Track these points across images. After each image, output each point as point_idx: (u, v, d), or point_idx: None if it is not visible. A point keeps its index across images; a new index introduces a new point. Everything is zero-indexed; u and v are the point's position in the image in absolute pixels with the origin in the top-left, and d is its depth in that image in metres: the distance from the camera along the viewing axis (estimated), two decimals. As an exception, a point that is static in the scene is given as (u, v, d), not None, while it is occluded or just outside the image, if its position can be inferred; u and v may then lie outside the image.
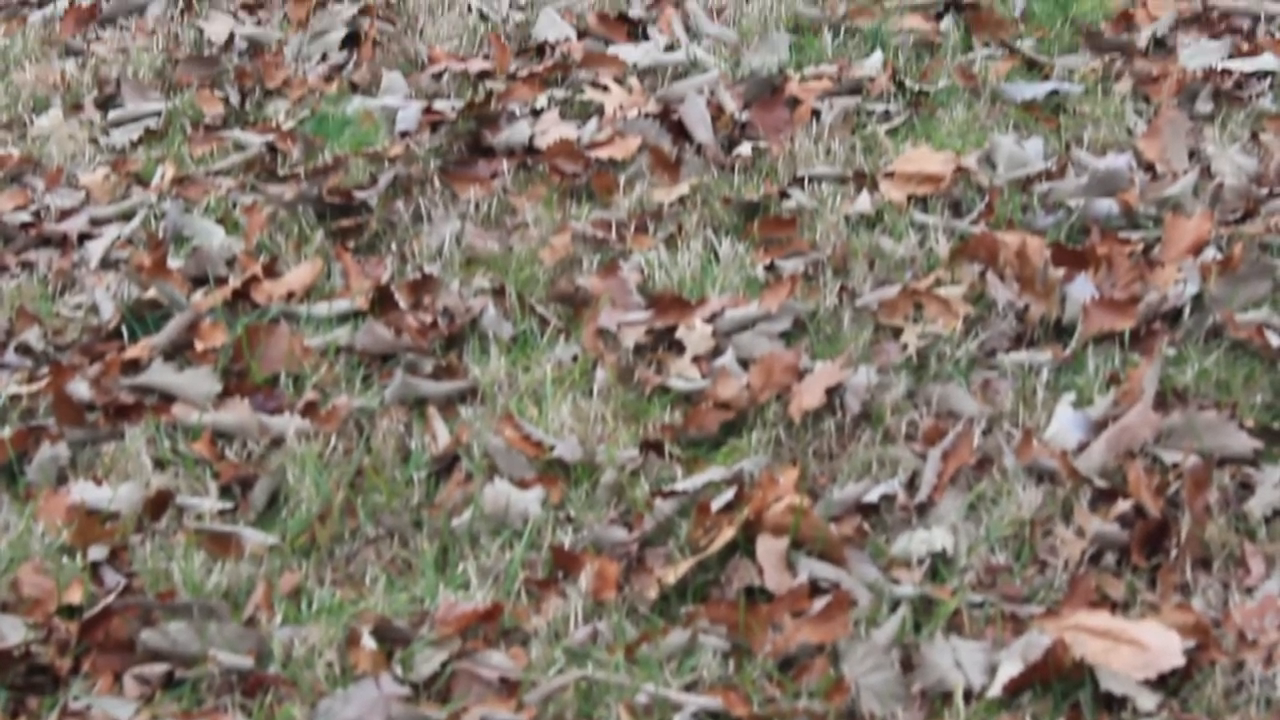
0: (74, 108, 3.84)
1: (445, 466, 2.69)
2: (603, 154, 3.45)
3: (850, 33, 3.88)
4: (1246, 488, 2.53)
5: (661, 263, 3.13)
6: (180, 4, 4.24)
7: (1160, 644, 2.24)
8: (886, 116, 3.56)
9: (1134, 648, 2.25)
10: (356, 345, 2.96)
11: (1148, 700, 2.20)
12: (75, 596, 2.47)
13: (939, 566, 2.44)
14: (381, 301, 3.06)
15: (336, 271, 3.18)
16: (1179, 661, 2.23)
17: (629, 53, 3.84)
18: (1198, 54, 3.67)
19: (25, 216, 3.44)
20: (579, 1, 4.10)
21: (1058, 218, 3.14)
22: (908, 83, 3.64)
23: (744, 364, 2.84)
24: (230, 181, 3.50)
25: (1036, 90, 3.58)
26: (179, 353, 3.00)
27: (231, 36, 4.06)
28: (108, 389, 2.89)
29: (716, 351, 2.90)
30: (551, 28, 3.96)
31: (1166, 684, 2.22)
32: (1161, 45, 3.75)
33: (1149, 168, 3.30)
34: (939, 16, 3.91)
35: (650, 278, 3.10)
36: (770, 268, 3.09)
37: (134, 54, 4.02)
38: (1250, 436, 2.57)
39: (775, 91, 3.62)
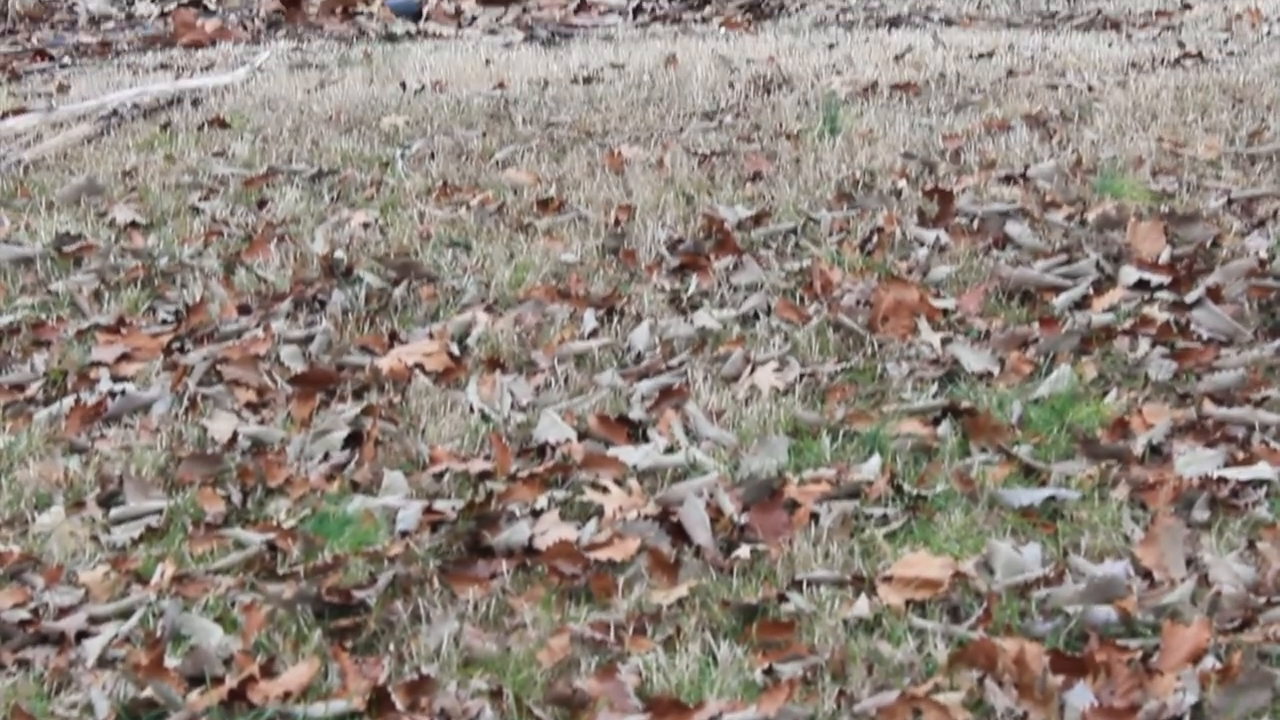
0: (76, 505, 3.86)
1: None
2: (602, 555, 3.47)
3: (849, 436, 3.93)
4: None
5: (660, 665, 3.12)
6: (184, 402, 4.30)
7: None
8: (885, 520, 3.58)
9: None
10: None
11: None
12: None
13: None
14: (378, 702, 3.04)
15: (334, 671, 3.16)
16: None
17: (629, 454, 3.88)
18: (1193, 462, 3.70)
19: (23, 614, 3.43)
20: (580, 403, 4.16)
21: (1056, 624, 3.14)
22: (906, 487, 3.67)
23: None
24: (229, 580, 3.50)
25: (1034, 496, 3.61)
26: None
27: (235, 435, 4.11)
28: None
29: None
30: (552, 429, 4.01)
31: None
32: (1157, 453, 3.79)
33: (1146, 575, 3.31)
34: (937, 421, 3.96)
35: (648, 680, 3.09)
36: (769, 672, 3.08)
37: (137, 452, 4.06)
38: None
39: (774, 494, 3.65)
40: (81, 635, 3.36)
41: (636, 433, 4.02)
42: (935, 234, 5.04)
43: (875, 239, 5.05)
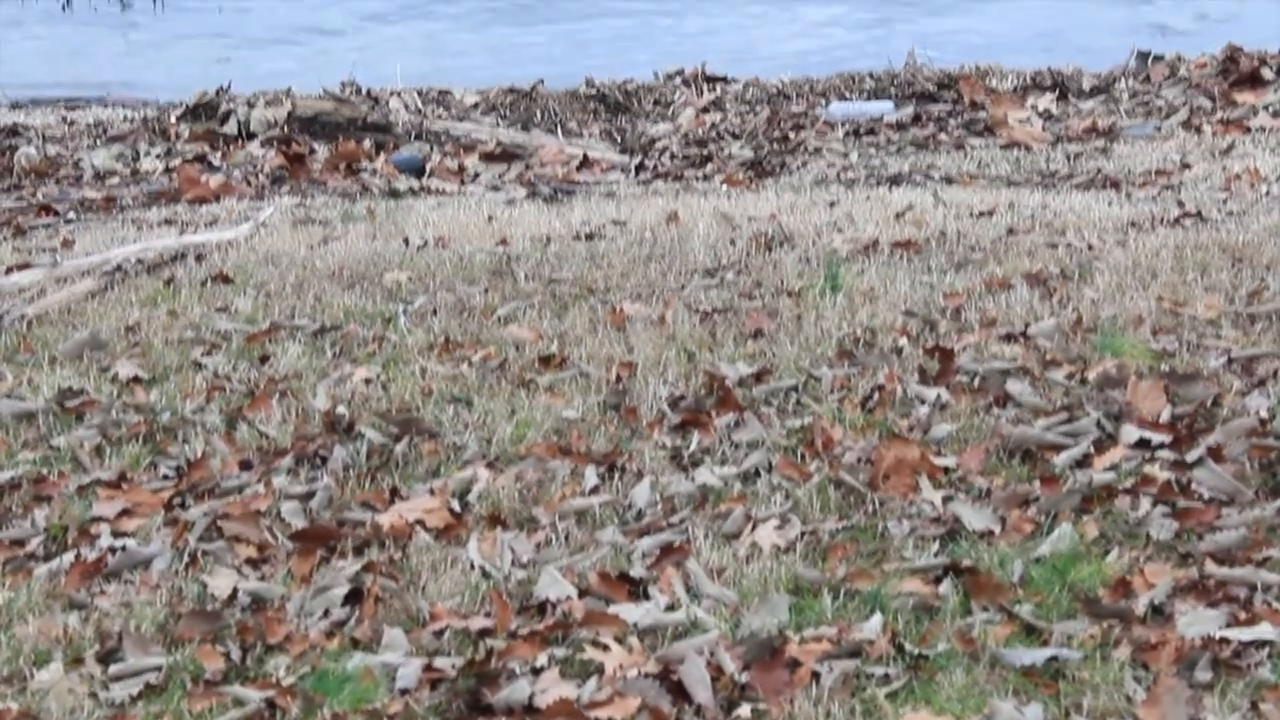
0: (74, 661, 3.83)
1: None
2: (602, 714, 3.44)
3: (850, 595, 3.92)
4: None
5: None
6: (185, 558, 4.29)
7: None
8: (886, 680, 3.56)
9: None
10: None
11: None
12: None
13: None
14: None
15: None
16: None
17: (630, 612, 3.86)
18: (1196, 622, 3.69)
19: (19, 771, 3.41)
20: (581, 560, 4.15)
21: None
22: (907, 646, 3.65)
23: None
24: (227, 738, 3.48)
25: (1036, 656, 3.59)
26: None
27: (235, 592, 4.09)
28: None
29: None
30: (553, 586, 4.00)
31: None
32: (1159, 613, 3.77)
33: (1150, 736, 3.29)
34: (938, 580, 3.95)
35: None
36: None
37: (137, 608, 4.04)
38: None
39: (775, 653, 3.63)
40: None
41: (637, 590, 4.01)
42: (936, 392, 5.05)
43: (876, 396, 5.06)
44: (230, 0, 15.97)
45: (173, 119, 11.41)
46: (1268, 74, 11.11)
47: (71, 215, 8.88)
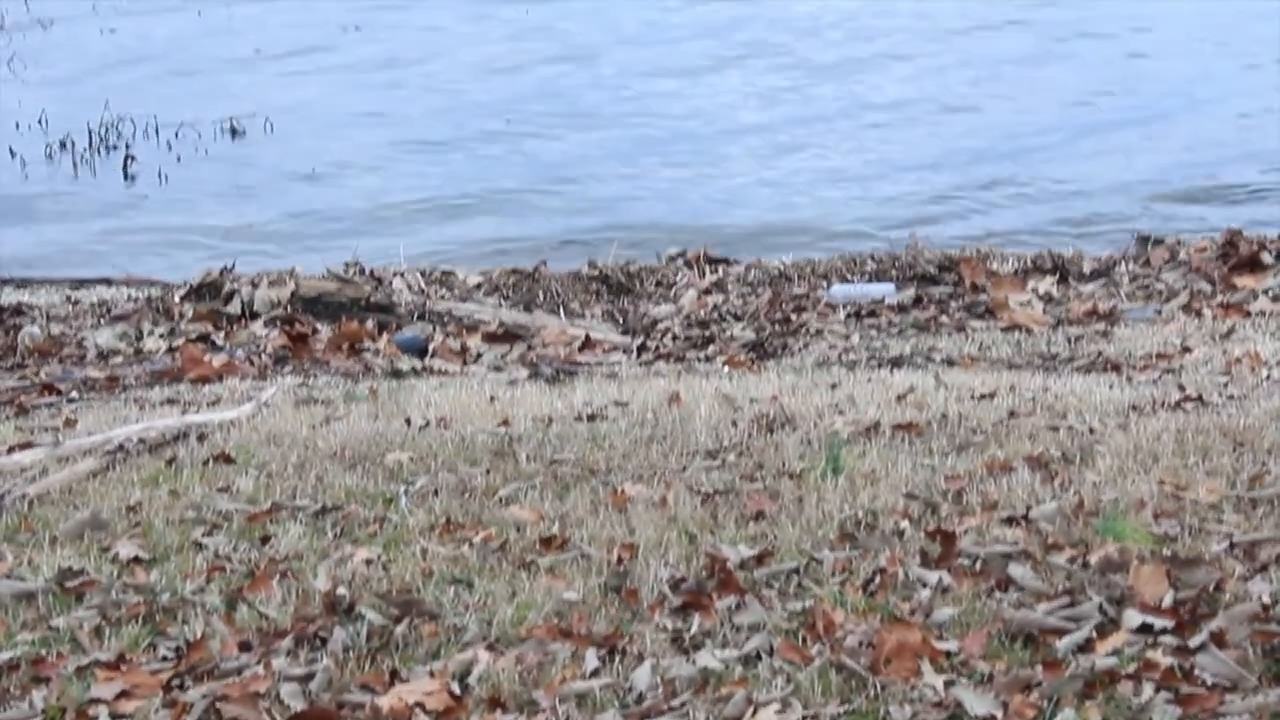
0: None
1: None
2: None
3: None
4: None
5: None
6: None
7: None
8: None
9: None
10: None
11: None
12: None
13: None
14: None
15: None
16: None
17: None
18: (1201, 810, 3.65)
19: None
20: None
21: None
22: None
23: None
24: None
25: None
26: None
27: (232, 775, 4.06)
28: None
29: None
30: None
31: None
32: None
33: None
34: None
35: None
36: None
37: (133, 791, 4.01)
38: None
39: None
40: None
41: (638, 775, 3.98)
42: (938, 575, 5.04)
43: (878, 580, 5.05)
44: (235, 183, 16.11)
45: (177, 298, 11.47)
46: (1267, 259, 11.18)
47: (74, 394, 8.90)
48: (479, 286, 12.01)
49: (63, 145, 16.58)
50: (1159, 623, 4.57)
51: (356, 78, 18.42)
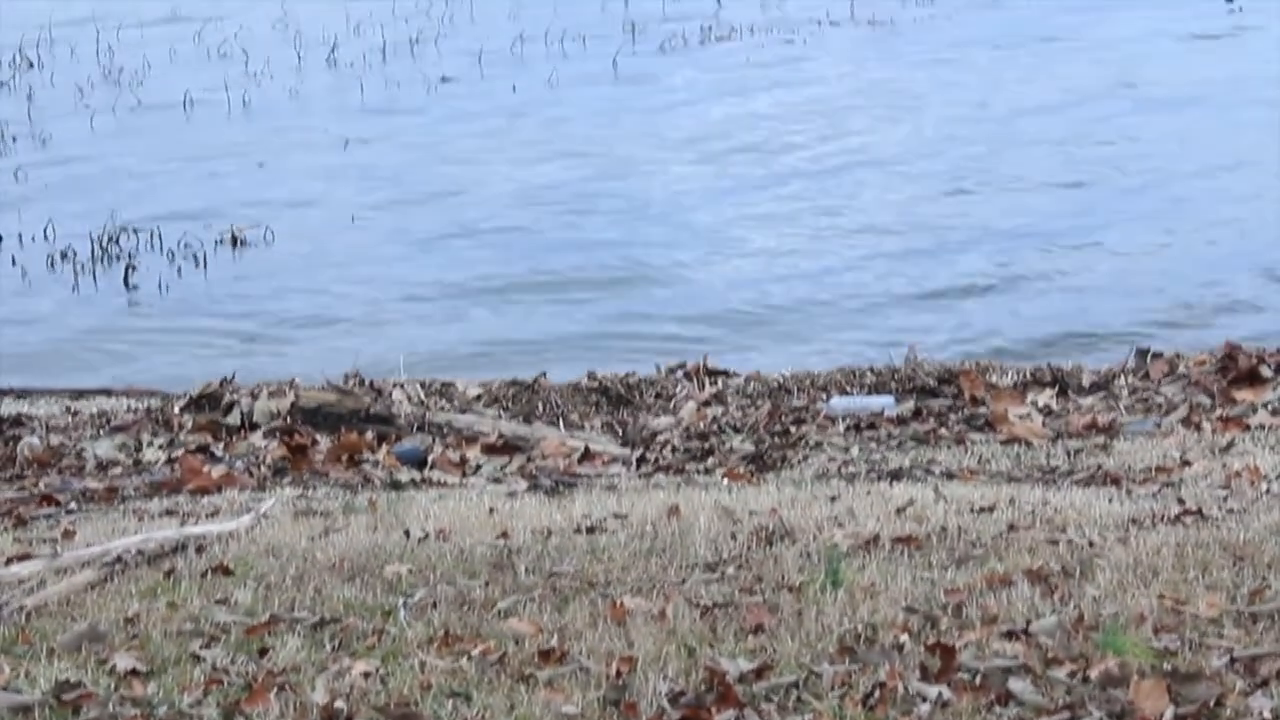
0: None
1: None
2: None
3: None
4: None
5: None
6: None
7: None
8: None
9: None
10: None
11: None
12: None
13: None
14: None
15: None
16: None
17: None
18: None
19: None
20: None
21: None
22: None
23: None
24: None
25: None
26: None
27: None
28: None
29: None
30: None
31: None
32: None
33: None
34: None
35: None
36: None
37: None
38: None
39: None
40: None
41: None
42: (938, 690, 5.02)
43: (877, 694, 5.03)
44: (237, 289, 16.15)
45: (176, 409, 11.47)
46: (1266, 372, 11.19)
47: (73, 506, 8.89)
48: (479, 398, 12.01)
49: (64, 255, 16.64)
50: (1160, 738, 4.55)
51: (356, 188, 18.51)
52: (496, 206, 17.94)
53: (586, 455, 10.44)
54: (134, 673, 5.56)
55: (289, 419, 11.00)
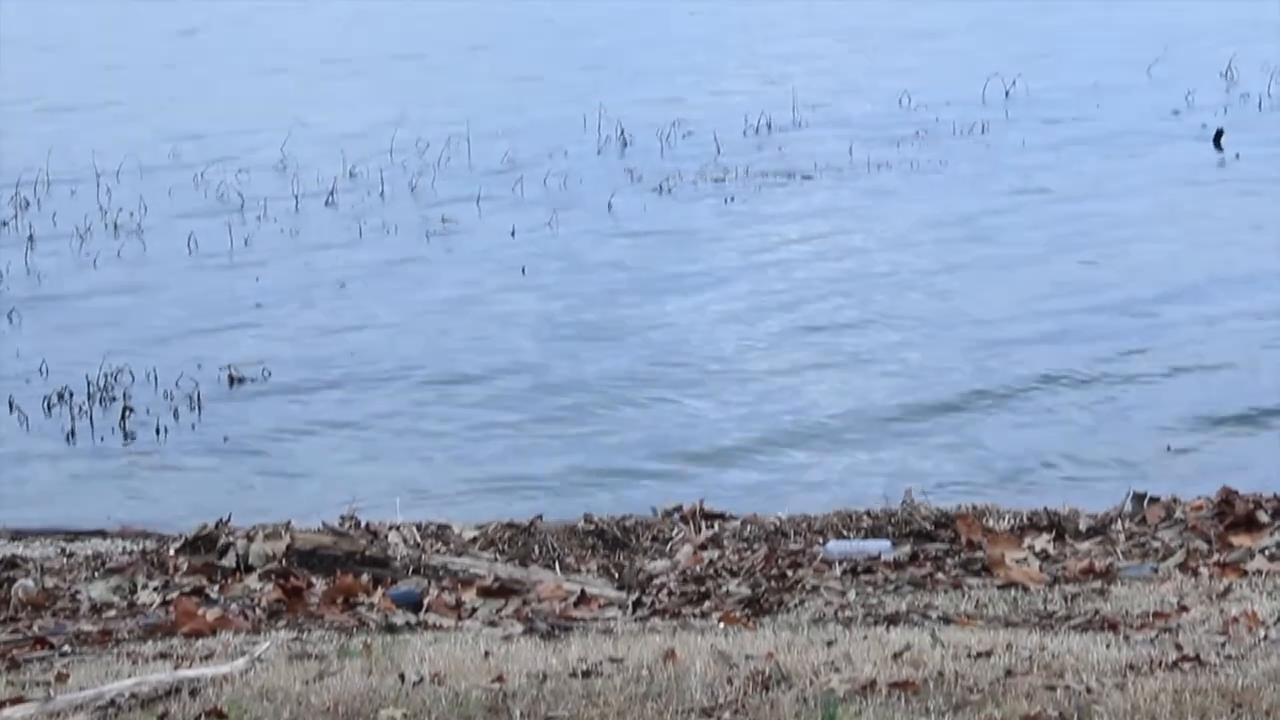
0: None
1: None
2: None
3: None
4: None
5: None
6: None
7: None
8: None
9: None
10: None
11: None
12: None
13: None
14: None
15: None
16: None
17: None
18: None
19: None
20: None
21: None
22: None
23: None
24: None
25: None
26: None
27: None
28: None
29: None
30: None
31: None
32: None
33: None
34: None
35: None
36: None
37: None
38: None
39: None
40: None
41: None
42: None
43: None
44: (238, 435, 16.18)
45: (171, 551, 11.45)
46: (1263, 517, 11.19)
47: (67, 648, 8.85)
48: (474, 540, 12.00)
49: (61, 397, 16.66)
50: None
51: (353, 328, 18.58)
52: (495, 344, 18.00)
53: (582, 598, 10.42)
54: (126, 818, 5.52)
55: (284, 561, 10.97)
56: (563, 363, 17.34)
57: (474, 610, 10.27)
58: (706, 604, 10.15)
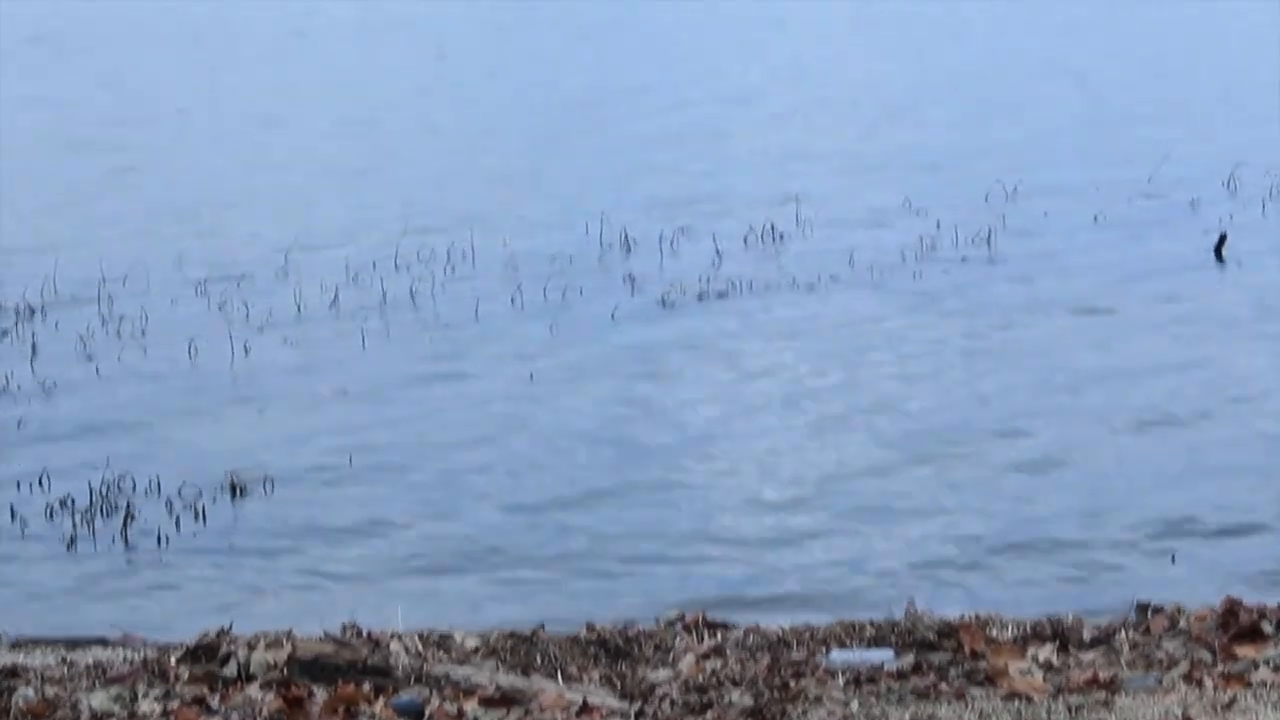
0: None
1: None
2: None
3: None
4: None
5: None
6: None
7: None
8: None
9: None
10: None
11: None
12: None
13: None
14: None
15: None
16: None
17: None
18: None
19: None
20: None
21: None
22: None
23: None
24: None
25: None
26: None
27: None
28: None
29: None
30: None
31: None
32: None
33: None
34: None
35: None
36: None
37: None
38: None
39: None
40: None
41: None
42: None
43: None
44: (239, 541, 16.20)
45: (173, 660, 11.42)
46: (1267, 628, 11.18)
47: (67, 759, 8.82)
48: (476, 650, 11.97)
49: (62, 504, 16.69)
50: None
51: (356, 438, 18.61)
52: (494, 453, 18.04)
53: (584, 709, 10.38)
54: None
55: (285, 670, 10.94)
56: (570, 466, 17.39)
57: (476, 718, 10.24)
58: (709, 714, 10.12)
